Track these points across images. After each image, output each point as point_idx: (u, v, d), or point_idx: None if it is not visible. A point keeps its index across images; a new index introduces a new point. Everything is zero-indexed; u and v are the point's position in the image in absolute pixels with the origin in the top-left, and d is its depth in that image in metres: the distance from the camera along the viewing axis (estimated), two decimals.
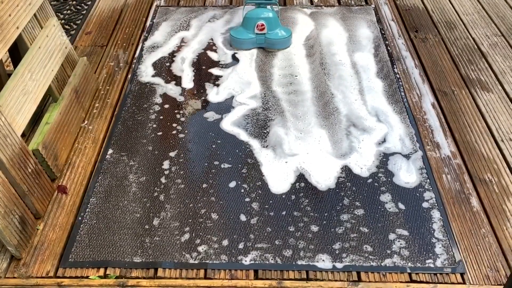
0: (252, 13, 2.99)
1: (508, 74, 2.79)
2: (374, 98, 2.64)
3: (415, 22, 3.28)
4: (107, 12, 3.46)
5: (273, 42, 2.98)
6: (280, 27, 3.01)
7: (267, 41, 2.99)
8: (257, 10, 2.99)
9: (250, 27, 2.98)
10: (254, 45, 3.02)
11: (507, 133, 2.41)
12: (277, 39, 2.97)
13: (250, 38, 2.98)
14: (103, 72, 2.88)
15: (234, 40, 3.03)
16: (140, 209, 2.08)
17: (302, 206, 2.07)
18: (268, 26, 2.95)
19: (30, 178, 1.99)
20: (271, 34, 2.97)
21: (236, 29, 3.07)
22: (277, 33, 2.98)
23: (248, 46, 3.01)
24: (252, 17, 2.97)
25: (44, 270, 1.87)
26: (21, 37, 2.23)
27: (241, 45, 3.02)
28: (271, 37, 2.97)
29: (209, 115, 2.56)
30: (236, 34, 3.02)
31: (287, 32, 3.01)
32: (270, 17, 2.96)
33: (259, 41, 3.00)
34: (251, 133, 2.43)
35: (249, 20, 2.98)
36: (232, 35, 3.02)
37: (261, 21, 2.94)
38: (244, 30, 3.01)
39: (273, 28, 2.98)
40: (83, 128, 2.49)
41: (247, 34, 2.99)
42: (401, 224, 1.99)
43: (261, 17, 2.96)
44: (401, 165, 2.25)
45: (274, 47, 3.00)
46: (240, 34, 3.01)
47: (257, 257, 1.89)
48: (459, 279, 1.82)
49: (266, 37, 2.97)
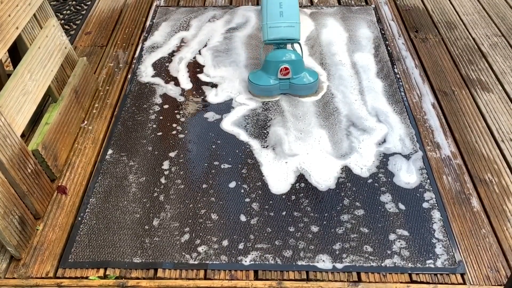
0: (273, 55, 2.57)
1: (508, 74, 2.79)
2: (374, 98, 2.64)
3: (415, 22, 3.28)
4: (107, 12, 3.46)
5: (299, 88, 2.60)
6: (305, 71, 2.63)
7: (292, 87, 2.60)
8: (279, 52, 2.57)
9: (272, 72, 2.57)
10: (277, 91, 2.62)
11: (508, 133, 2.41)
12: (303, 84, 2.59)
13: (273, 85, 2.58)
14: (103, 72, 2.88)
15: (253, 87, 2.63)
16: (140, 210, 2.07)
17: (302, 206, 2.07)
18: (293, 70, 2.56)
19: (29, 179, 1.99)
20: (296, 79, 2.59)
21: (255, 73, 2.65)
22: (303, 77, 2.60)
23: (270, 93, 2.62)
24: (274, 60, 2.56)
25: (44, 271, 1.87)
26: (21, 37, 2.23)
27: (262, 92, 2.62)
28: (296, 83, 2.58)
29: (209, 115, 2.55)
30: (255, 79, 2.61)
31: (313, 75, 2.63)
32: (294, 60, 2.56)
33: (283, 87, 2.60)
34: (251, 133, 2.43)
35: (270, 64, 2.56)
36: (251, 81, 2.62)
37: (285, 65, 2.54)
38: (265, 74, 2.60)
39: (299, 72, 2.59)
40: (83, 129, 2.49)
41: (268, 79, 2.58)
42: (401, 225, 1.99)
43: (284, 59, 2.55)
44: (401, 165, 2.25)
45: (300, 93, 2.62)
46: (260, 80, 2.60)
47: (257, 257, 1.89)
48: (459, 280, 1.82)
49: (290, 82, 2.59)
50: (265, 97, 2.62)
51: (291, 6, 2.55)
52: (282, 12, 2.53)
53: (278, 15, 2.53)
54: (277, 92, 2.63)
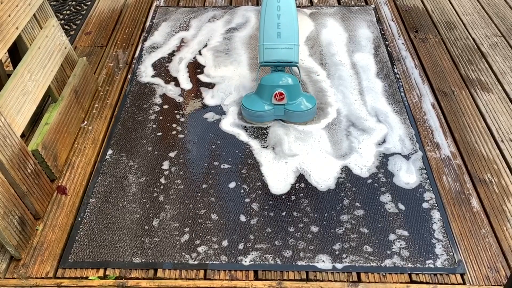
0: (268, 79, 2.40)
1: (508, 75, 2.79)
2: (374, 98, 2.64)
3: (415, 22, 3.28)
4: (107, 12, 3.46)
5: (295, 115, 2.42)
6: (302, 95, 2.45)
7: (287, 114, 2.43)
8: (274, 76, 2.41)
9: (266, 96, 2.41)
10: (271, 117, 2.46)
11: (507, 133, 2.41)
12: (299, 111, 2.41)
13: (266, 111, 2.42)
14: (103, 72, 2.88)
15: (246, 112, 2.47)
16: (139, 210, 2.07)
17: (302, 206, 2.07)
18: (288, 96, 2.39)
19: (29, 179, 1.99)
20: (292, 105, 2.41)
21: (249, 97, 2.49)
22: (299, 103, 2.42)
23: (264, 119, 2.45)
24: (269, 84, 2.39)
25: (44, 271, 1.87)
26: (21, 38, 2.23)
27: (255, 118, 2.46)
28: (292, 109, 2.41)
29: (208, 116, 2.55)
30: (249, 104, 2.45)
31: (311, 101, 2.44)
32: (290, 84, 2.39)
33: (277, 113, 2.44)
34: (251, 134, 2.43)
35: (265, 88, 2.40)
36: (244, 106, 2.46)
37: (280, 90, 2.37)
38: (258, 99, 2.43)
39: (295, 98, 2.41)
40: (83, 129, 2.49)
41: (262, 105, 2.42)
42: (401, 225, 1.99)
43: (280, 84, 2.38)
44: (401, 165, 2.25)
45: (296, 120, 2.45)
46: (254, 105, 2.43)
47: (257, 257, 1.89)
48: (459, 280, 1.82)
49: (286, 108, 2.41)
50: (258, 123, 2.47)
51: (289, 26, 2.38)
52: (280, 33, 2.37)
53: (275, 35, 2.37)
54: (271, 119, 2.47)
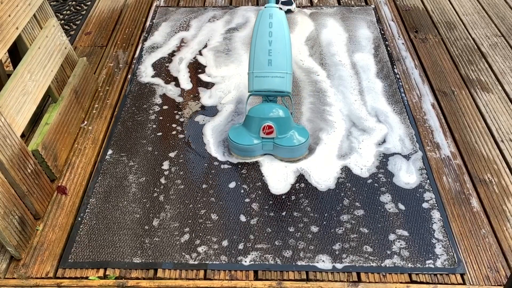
0: (256, 111, 2.21)
1: (508, 75, 2.79)
2: (374, 98, 2.64)
3: (415, 23, 3.28)
4: (107, 12, 3.46)
5: (285, 150, 2.23)
6: (294, 129, 2.25)
7: (276, 148, 2.24)
8: (264, 107, 2.21)
9: (253, 129, 2.22)
10: (260, 152, 2.27)
11: (507, 133, 2.41)
12: (290, 146, 2.21)
13: (254, 145, 2.22)
14: (103, 72, 2.88)
15: (232, 145, 2.27)
16: (139, 210, 2.07)
17: (302, 206, 2.07)
18: (278, 129, 2.20)
19: (29, 179, 1.99)
20: (282, 139, 2.21)
21: (236, 129, 2.29)
22: (291, 137, 2.22)
23: (252, 154, 2.26)
24: (257, 116, 2.20)
25: (44, 271, 1.87)
26: (21, 38, 2.23)
27: (242, 152, 2.26)
28: (282, 144, 2.21)
29: (207, 115, 2.55)
30: (235, 137, 2.24)
31: (303, 134, 2.25)
32: (280, 117, 2.19)
33: (266, 147, 2.24)
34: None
35: (252, 120, 2.21)
36: (230, 139, 2.25)
37: (269, 123, 2.19)
38: (246, 132, 2.24)
39: (285, 131, 2.22)
40: (83, 129, 2.49)
41: (250, 138, 2.22)
42: (401, 225, 1.99)
43: (269, 116, 2.19)
44: (401, 165, 2.25)
45: (286, 156, 2.25)
46: (240, 139, 2.23)
47: (257, 257, 1.89)
48: (459, 280, 1.82)
49: (275, 142, 2.22)
50: (247, 158, 2.27)
51: (282, 53, 2.15)
52: (271, 61, 2.15)
53: (266, 63, 2.16)
54: (260, 153, 2.28)
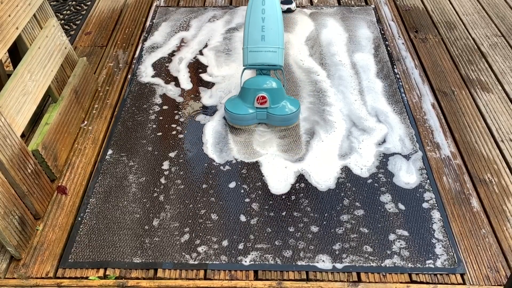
0: (251, 82, 2.38)
1: (508, 75, 2.79)
2: (374, 98, 2.64)
3: (415, 22, 3.28)
4: (107, 12, 3.46)
5: (278, 118, 2.40)
6: (286, 99, 2.42)
7: (269, 117, 2.41)
8: (258, 79, 2.37)
9: (248, 100, 2.38)
10: (254, 121, 2.44)
11: (507, 133, 2.41)
12: (282, 115, 2.38)
13: (249, 114, 2.39)
14: (103, 72, 2.88)
15: (228, 115, 2.44)
16: (139, 210, 2.07)
17: (302, 206, 2.07)
18: (271, 99, 2.36)
19: (29, 179, 1.99)
20: (275, 109, 2.38)
21: (232, 100, 2.47)
22: (283, 107, 2.39)
23: (246, 123, 2.43)
24: (251, 87, 2.36)
25: (44, 271, 1.87)
26: (21, 38, 2.23)
27: (238, 121, 2.43)
28: (274, 113, 2.38)
29: (206, 115, 2.55)
30: (231, 107, 2.42)
31: (294, 104, 2.42)
32: (274, 88, 2.35)
33: (259, 117, 2.41)
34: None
35: (247, 91, 2.38)
36: (227, 109, 2.43)
37: (262, 93, 2.35)
38: (241, 102, 2.41)
39: (278, 101, 2.38)
40: (83, 129, 2.49)
41: (245, 108, 2.39)
42: (401, 225, 1.99)
43: (263, 87, 2.35)
44: (401, 165, 2.25)
45: (279, 124, 2.43)
46: (236, 108, 2.40)
47: (257, 257, 1.89)
48: (459, 280, 1.82)
49: (268, 112, 2.39)
50: (242, 126, 2.44)
51: (274, 30, 2.31)
52: (264, 36, 2.31)
53: (259, 39, 2.32)
54: (254, 122, 2.44)
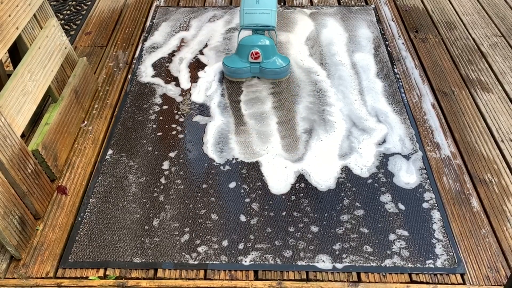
0: (246, 40, 2.69)
1: (508, 75, 2.79)
2: (374, 98, 2.64)
3: (415, 23, 3.28)
4: (107, 12, 3.46)
5: (270, 72, 2.72)
6: (277, 56, 2.73)
7: (262, 71, 2.72)
8: (253, 37, 2.70)
9: (244, 55, 2.70)
10: (248, 74, 2.75)
11: (507, 133, 2.41)
12: (273, 69, 2.70)
13: (244, 68, 2.71)
14: (103, 72, 2.88)
15: (227, 69, 2.76)
16: (140, 210, 2.07)
17: (302, 206, 2.07)
18: (263, 55, 2.67)
19: (29, 179, 1.99)
20: (267, 63, 2.70)
21: (230, 56, 2.79)
22: (274, 62, 2.71)
23: (242, 76, 2.75)
24: (246, 44, 2.68)
25: (44, 271, 1.87)
26: (21, 38, 2.23)
27: (234, 74, 2.75)
28: (266, 67, 2.70)
29: (206, 116, 2.56)
30: (228, 62, 2.74)
31: (285, 60, 2.73)
32: (266, 45, 2.67)
33: (253, 71, 2.73)
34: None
35: (242, 48, 2.69)
36: (224, 64, 2.75)
37: (256, 49, 2.66)
38: (237, 58, 2.72)
39: (269, 57, 2.70)
40: (83, 129, 2.49)
41: (240, 62, 2.71)
42: (401, 225, 1.99)
43: (257, 44, 2.67)
44: (401, 165, 2.25)
45: (270, 77, 2.74)
46: (233, 63, 2.72)
47: (257, 257, 1.89)
48: (459, 280, 1.82)
49: (261, 66, 2.70)
50: (238, 79, 2.76)
51: None
52: (259, 0, 2.69)
53: (254, 2, 2.68)
54: (248, 75, 2.77)
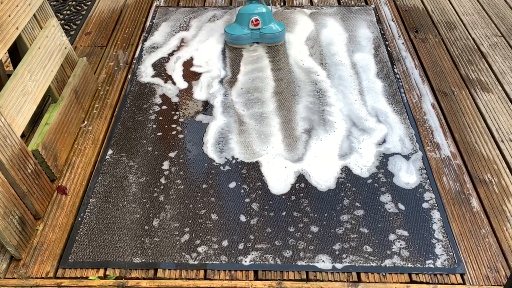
0: (245, 9, 3.00)
1: (508, 75, 2.79)
2: (374, 98, 2.64)
3: (415, 23, 3.28)
4: (107, 12, 3.46)
5: (268, 36, 3.02)
6: (273, 22, 3.04)
7: (262, 36, 3.02)
8: (250, 6, 3.00)
9: (244, 23, 2.99)
10: (249, 40, 3.04)
11: (507, 133, 2.41)
12: (272, 33, 3.01)
13: (245, 34, 3.01)
14: (103, 72, 2.88)
15: (229, 37, 3.04)
16: (140, 210, 2.07)
17: (302, 206, 2.07)
18: (262, 21, 2.98)
19: (29, 179, 1.99)
20: (266, 29, 3.01)
21: (231, 25, 3.08)
22: (271, 27, 3.02)
23: (243, 41, 3.03)
24: (246, 12, 2.98)
25: (44, 271, 1.87)
26: (21, 38, 2.23)
27: (236, 41, 3.03)
28: (266, 32, 3.00)
29: (205, 114, 2.56)
30: (230, 30, 3.04)
31: (281, 26, 3.05)
32: (263, 12, 2.98)
33: (254, 37, 3.03)
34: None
35: (243, 16, 2.99)
36: (226, 32, 3.04)
37: (256, 16, 2.95)
38: (238, 26, 3.02)
39: (267, 23, 3.00)
40: (83, 129, 2.49)
41: (242, 30, 3.01)
42: (401, 225, 1.99)
43: (255, 12, 2.97)
44: (401, 165, 2.25)
45: (269, 42, 3.05)
46: (234, 30, 3.02)
47: (257, 257, 1.89)
48: (459, 280, 1.82)
49: (261, 32, 3.00)
50: (238, 45, 3.03)
51: None
52: None
53: None
54: (249, 41, 3.04)
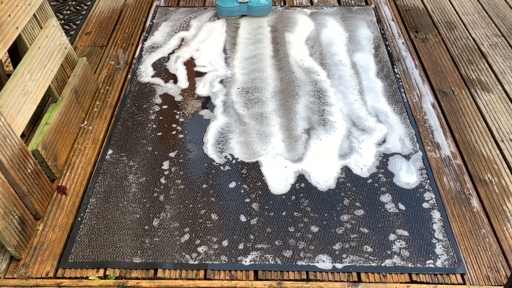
0: None
1: (508, 75, 2.79)
2: (374, 98, 2.64)
3: (415, 22, 3.28)
4: (107, 12, 3.46)
5: (256, 9, 3.32)
6: None
7: (249, 9, 3.32)
8: None
9: None
10: (238, 13, 3.33)
11: (507, 133, 2.41)
12: (259, 6, 3.32)
13: (235, 7, 3.30)
14: (103, 72, 2.88)
15: (219, 9, 3.33)
16: (140, 210, 2.07)
17: (302, 206, 2.07)
18: None
19: (29, 179, 1.99)
20: (253, 2, 3.31)
21: None
22: (259, 1, 3.32)
23: (232, 14, 3.32)
24: None
25: (44, 271, 1.87)
26: (21, 38, 2.23)
27: (226, 13, 3.32)
28: (253, 5, 3.30)
29: (204, 113, 2.55)
30: (221, 3, 3.32)
31: (267, 0, 3.36)
32: None
33: (242, 9, 3.32)
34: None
35: None
36: (217, 4, 3.33)
37: None
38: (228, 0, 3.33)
39: None
40: (83, 129, 2.49)
41: (231, 3, 3.30)
42: (401, 225, 1.99)
43: None
44: (401, 165, 2.25)
45: (256, 14, 3.34)
46: (225, 3, 3.31)
47: (257, 257, 1.89)
48: (459, 280, 1.82)
49: (248, 5, 3.30)
50: (229, 17, 3.34)
51: None
52: None
53: None
54: (238, 14, 3.34)
